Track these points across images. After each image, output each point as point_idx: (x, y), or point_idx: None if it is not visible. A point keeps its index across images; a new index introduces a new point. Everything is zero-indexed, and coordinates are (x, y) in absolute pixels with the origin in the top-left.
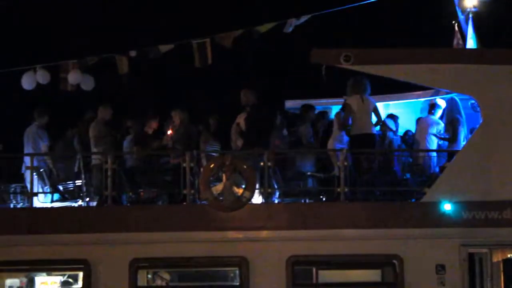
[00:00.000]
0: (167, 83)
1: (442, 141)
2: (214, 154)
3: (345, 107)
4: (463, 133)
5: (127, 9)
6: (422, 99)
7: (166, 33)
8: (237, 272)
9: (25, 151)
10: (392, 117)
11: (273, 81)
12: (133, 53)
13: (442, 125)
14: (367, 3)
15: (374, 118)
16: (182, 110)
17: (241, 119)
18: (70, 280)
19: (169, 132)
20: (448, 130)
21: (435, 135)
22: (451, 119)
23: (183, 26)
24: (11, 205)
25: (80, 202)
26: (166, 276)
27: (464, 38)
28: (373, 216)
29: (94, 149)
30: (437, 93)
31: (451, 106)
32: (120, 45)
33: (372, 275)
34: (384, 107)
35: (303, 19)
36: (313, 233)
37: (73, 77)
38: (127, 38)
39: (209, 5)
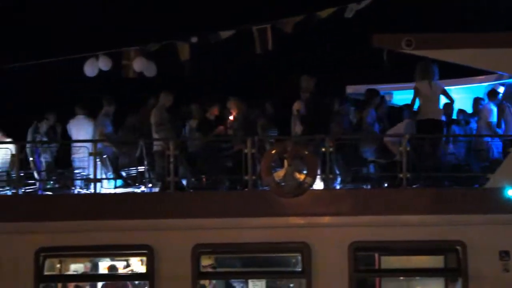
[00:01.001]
0: (228, 68)
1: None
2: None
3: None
4: None
5: None
6: (485, 84)
7: (227, 18)
8: (299, 258)
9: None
10: None
11: (334, 67)
12: (194, 39)
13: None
14: None
15: (444, 100)
16: (238, 98)
17: (300, 105)
18: (134, 265)
19: (231, 118)
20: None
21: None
22: (498, 105)
23: (244, 12)
24: (75, 191)
25: (142, 188)
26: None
27: None
28: (435, 202)
29: (155, 135)
30: (500, 78)
31: (509, 91)
32: (181, 31)
33: (435, 261)
34: None
35: (364, 3)
36: (375, 219)
37: (137, 64)
38: (188, 24)
39: None
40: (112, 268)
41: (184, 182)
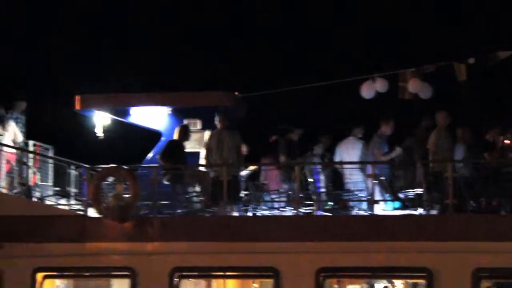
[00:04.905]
0: (507, 89)
1: None
2: None
3: None
4: None
5: (463, 18)
6: None
7: (506, 39)
8: None
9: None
10: None
11: None
12: (471, 60)
13: None
14: None
15: None
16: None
17: None
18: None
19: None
20: None
21: None
22: None
23: None
24: (353, 212)
25: (420, 210)
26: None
27: None
28: None
29: (432, 157)
30: None
31: None
32: (458, 52)
33: None
34: None
35: None
36: None
37: (412, 86)
38: (466, 45)
39: None
40: None
41: None
